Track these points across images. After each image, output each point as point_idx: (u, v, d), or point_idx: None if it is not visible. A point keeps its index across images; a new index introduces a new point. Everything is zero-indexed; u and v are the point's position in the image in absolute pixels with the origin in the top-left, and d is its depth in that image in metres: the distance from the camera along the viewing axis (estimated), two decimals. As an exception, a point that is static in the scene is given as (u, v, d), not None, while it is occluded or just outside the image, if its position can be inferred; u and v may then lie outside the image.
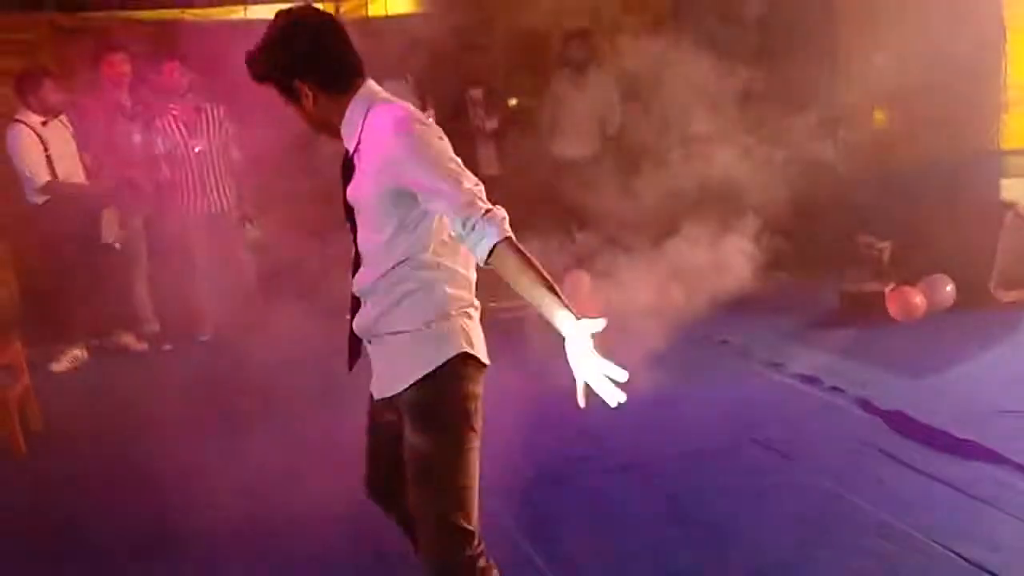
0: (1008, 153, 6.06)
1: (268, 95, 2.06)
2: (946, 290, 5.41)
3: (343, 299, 2.17)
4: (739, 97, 5.78)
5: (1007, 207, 5.58)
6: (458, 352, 1.97)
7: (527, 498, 3.26)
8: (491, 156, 6.88)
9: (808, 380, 4.45)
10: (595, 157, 6.63)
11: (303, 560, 2.95)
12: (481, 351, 2.03)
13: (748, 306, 5.41)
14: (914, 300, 5.33)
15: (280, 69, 2.01)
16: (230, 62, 2.40)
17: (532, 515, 3.13)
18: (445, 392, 1.97)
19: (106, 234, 5.50)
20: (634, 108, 6.55)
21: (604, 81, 6.65)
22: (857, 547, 2.77)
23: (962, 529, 2.81)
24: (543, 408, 3.58)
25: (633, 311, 5.44)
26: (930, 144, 6.11)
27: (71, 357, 5.43)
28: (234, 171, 5.82)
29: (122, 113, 5.65)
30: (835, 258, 6.30)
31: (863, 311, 5.45)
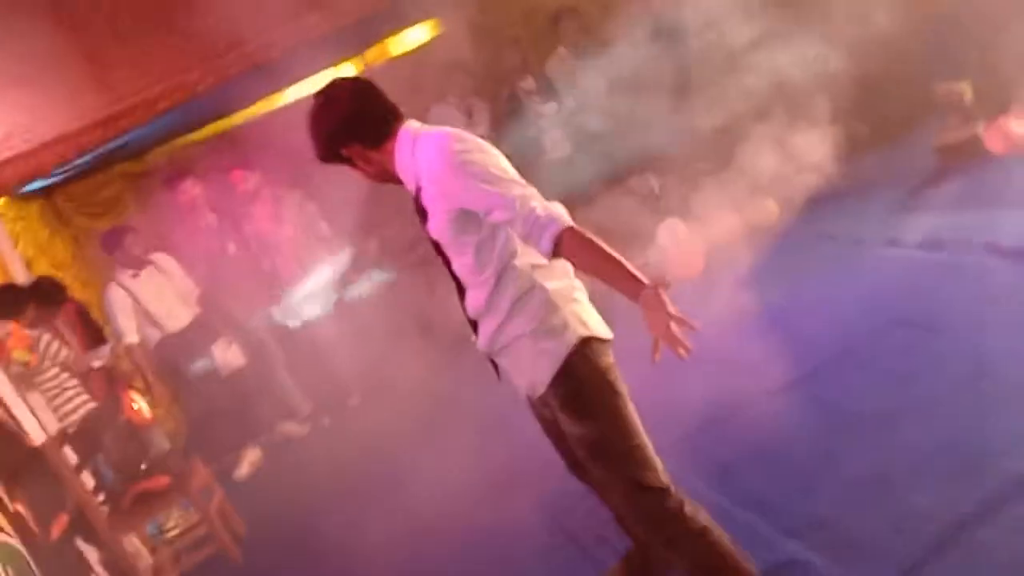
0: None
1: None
2: (1044, 110, 5.15)
3: (460, 328, 2.34)
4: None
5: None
6: (578, 338, 2.10)
7: (695, 445, 3.30)
8: (559, 140, 6.91)
9: (931, 245, 4.31)
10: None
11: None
12: (599, 328, 2.16)
13: (843, 195, 5.30)
14: (1014, 129, 5.10)
15: (328, 146, 2.23)
16: (289, 145, 2.60)
17: (705, 461, 3.17)
18: (581, 378, 2.10)
19: (220, 365, 5.68)
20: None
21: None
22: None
23: None
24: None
25: (733, 238, 5.46)
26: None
27: (249, 461, 5.70)
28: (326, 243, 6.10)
29: (208, 232, 5.96)
30: (915, 117, 6.06)
31: (963, 158, 5.24)
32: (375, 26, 5.95)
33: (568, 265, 2.19)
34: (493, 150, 2.12)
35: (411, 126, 2.22)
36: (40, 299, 4.75)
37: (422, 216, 2.21)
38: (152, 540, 4.53)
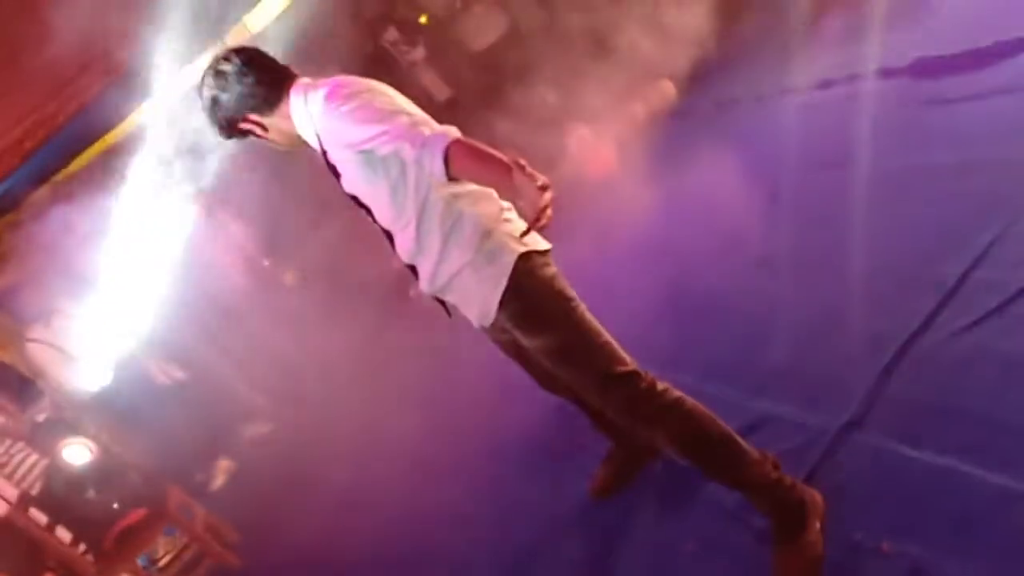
0: None
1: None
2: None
3: (395, 279, 2.30)
4: None
5: None
6: (516, 256, 2.08)
7: (647, 332, 3.19)
8: (436, 81, 6.82)
9: (825, 85, 4.34)
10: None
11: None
12: (533, 242, 2.13)
13: (732, 59, 5.31)
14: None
15: (225, 122, 2.16)
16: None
17: (662, 344, 3.09)
18: (528, 293, 2.09)
19: (160, 380, 5.53)
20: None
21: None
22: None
23: None
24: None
25: (639, 126, 5.45)
26: None
27: (222, 472, 5.62)
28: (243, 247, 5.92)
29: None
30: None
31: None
32: (227, 9, 5.69)
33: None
34: (382, 87, 2.07)
35: (301, 82, 2.16)
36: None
37: (334, 173, 2.16)
38: (147, 573, 4.45)
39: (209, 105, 2.17)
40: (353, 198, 2.18)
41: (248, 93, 2.12)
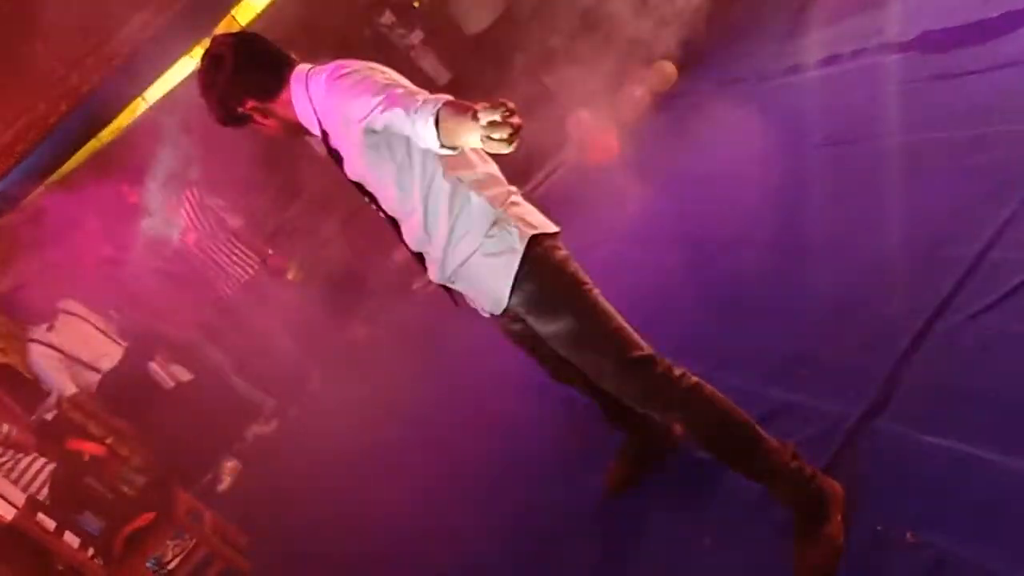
0: None
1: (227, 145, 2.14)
2: None
3: (395, 274, 2.25)
4: None
5: None
6: (527, 240, 2.03)
7: (660, 319, 3.23)
8: (436, 65, 6.71)
9: (829, 61, 4.25)
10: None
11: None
12: (543, 224, 2.09)
13: (734, 38, 5.22)
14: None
15: (224, 108, 2.12)
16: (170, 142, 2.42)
17: (673, 333, 2.97)
18: (541, 277, 2.04)
19: (163, 382, 5.50)
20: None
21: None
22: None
23: None
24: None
25: (641, 109, 5.38)
26: None
27: (229, 473, 5.60)
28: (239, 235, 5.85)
29: (106, 260, 5.66)
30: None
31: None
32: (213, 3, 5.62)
33: (495, 170, 2.11)
34: (381, 67, 2.02)
35: (302, 69, 2.12)
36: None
37: (336, 160, 2.11)
38: (156, 576, 4.43)
39: (207, 91, 2.13)
40: (357, 186, 2.14)
41: (248, 79, 2.09)
